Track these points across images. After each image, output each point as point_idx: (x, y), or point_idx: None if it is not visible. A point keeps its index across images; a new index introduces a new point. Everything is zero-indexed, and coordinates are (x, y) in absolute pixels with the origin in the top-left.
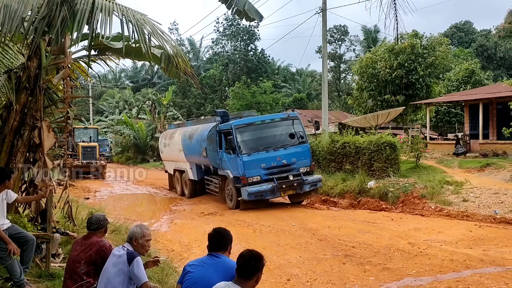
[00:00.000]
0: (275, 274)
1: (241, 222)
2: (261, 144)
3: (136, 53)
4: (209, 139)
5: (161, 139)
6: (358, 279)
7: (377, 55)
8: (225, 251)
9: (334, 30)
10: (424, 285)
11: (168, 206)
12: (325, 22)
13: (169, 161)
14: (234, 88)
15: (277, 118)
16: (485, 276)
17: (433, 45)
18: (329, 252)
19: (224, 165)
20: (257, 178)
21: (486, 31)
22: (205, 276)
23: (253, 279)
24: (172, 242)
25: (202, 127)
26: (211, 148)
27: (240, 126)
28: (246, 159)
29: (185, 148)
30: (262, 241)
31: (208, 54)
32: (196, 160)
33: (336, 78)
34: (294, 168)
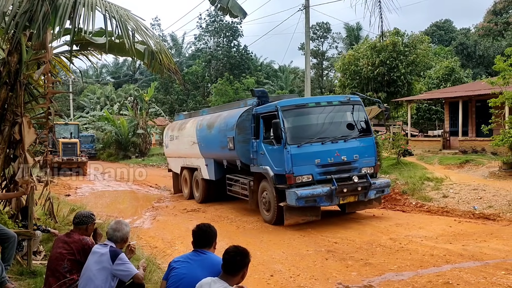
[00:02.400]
0: (259, 270)
1: (224, 218)
2: (315, 133)
3: (119, 48)
4: (239, 127)
5: (167, 131)
6: (341, 274)
7: (360, 53)
8: (210, 247)
9: (317, 27)
10: (406, 280)
11: (151, 203)
12: (308, 19)
13: (176, 158)
14: (216, 85)
15: (336, 101)
16: (464, 270)
17: (414, 43)
18: (312, 248)
19: (261, 160)
20: (308, 177)
21: (466, 30)
22: (191, 272)
23: (239, 275)
24: (155, 239)
25: (227, 114)
26: (240, 138)
27: (288, 107)
28: (295, 152)
29: (201, 140)
30: (246, 238)
31: (191, 50)
32: (216, 154)
33: (318, 75)
34: (355, 167)
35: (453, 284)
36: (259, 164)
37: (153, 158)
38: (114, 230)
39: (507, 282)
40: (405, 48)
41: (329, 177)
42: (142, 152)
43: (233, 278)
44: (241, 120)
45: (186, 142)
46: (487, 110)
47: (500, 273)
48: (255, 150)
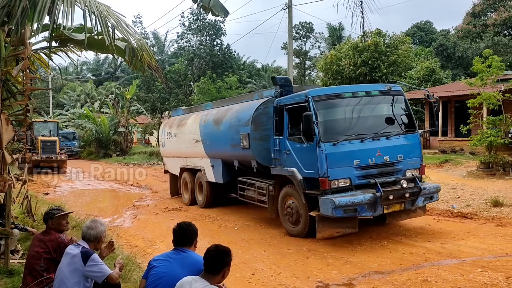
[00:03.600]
0: (240, 268)
1: (206, 217)
2: (352, 129)
3: (99, 45)
4: (255, 122)
5: (163, 128)
6: (321, 273)
7: (342, 53)
8: (190, 245)
9: (299, 27)
10: (385, 278)
11: (131, 201)
12: (290, 18)
13: (174, 158)
14: (199, 83)
15: (375, 90)
16: (443, 268)
17: (395, 44)
18: (293, 247)
19: (286, 160)
20: (345, 181)
21: (446, 31)
22: (171, 271)
23: (220, 274)
24: (135, 237)
25: (239, 107)
26: (257, 135)
27: (322, 97)
28: (330, 151)
29: (206, 138)
30: (227, 236)
31: (173, 48)
32: (225, 154)
33: (301, 75)
34: (399, 169)
35: (431, 282)
36: (282, 165)
37: (135, 157)
38: (88, 228)
39: (483, 279)
40: (387, 49)
41: (372, 181)
42: (123, 150)
43: (214, 277)
44: (257, 114)
45: (187, 140)
46: (466, 111)
47: (477, 271)
48: (278, 149)
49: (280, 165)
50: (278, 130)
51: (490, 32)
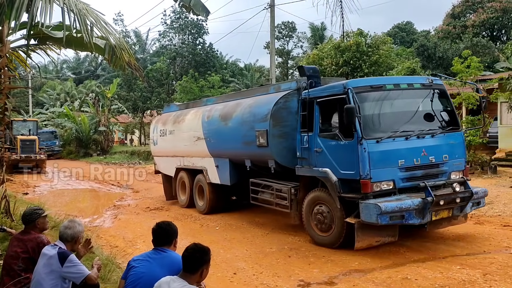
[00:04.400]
0: (222, 268)
1: (188, 216)
2: (395, 125)
3: (78, 43)
4: (274, 117)
5: (155, 125)
6: (303, 271)
7: (324, 52)
8: (169, 245)
9: (282, 27)
10: (366, 276)
11: (112, 201)
12: (273, 18)
13: (169, 157)
14: (181, 82)
15: (417, 83)
16: (422, 266)
17: (377, 44)
18: (275, 246)
19: (316, 160)
20: (389, 184)
21: (426, 32)
22: (150, 271)
23: (197, 273)
24: (115, 238)
25: (253, 102)
26: (276, 131)
27: (362, 89)
28: (373, 149)
29: (210, 135)
30: (209, 236)
31: (155, 47)
32: (234, 153)
33: (284, 74)
34: (443, 171)
35: (411, 279)
36: (311, 165)
37: (116, 156)
38: (65, 227)
39: (461, 276)
40: (368, 49)
41: (422, 184)
42: (104, 149)
43: (192, 276)
44: (277, 108)
45: (186, 138)
46: None
47: (456, 268)
48: (306, 147)
49: (308, 165)
50: (307, 126)
51: (469, 33)
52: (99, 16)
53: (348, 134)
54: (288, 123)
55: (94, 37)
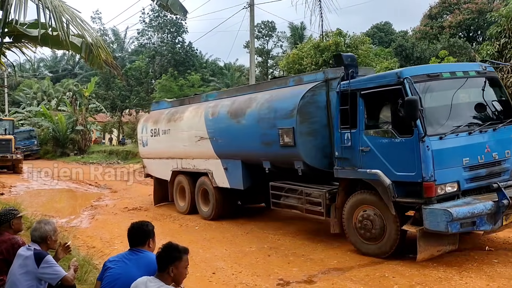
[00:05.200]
0: (201, 267)
1: (167, 216)
2: (455, 118)
3: (54, 41)
4: (302, 112)
5: (144, 124)
6: (282, 270)
7: (303, 52)
8: (143, 245)
9: (262, 26)
10: (345, 274)
11: (89, 201)
12: (252, 17)
13: (162, 159)
14: (161, 81)
15: (472, 70)
16: (400, 264)
17: (356, 44)
18: (254, 245)
19: (362, 160)
20: (453, 186)
21: (404, 32)
22: (126, 272)
23: (166, 271)
24: (92, 238)
25: (271, 96)
26: (304, 129)
27: (419, 78)
28: (437, 147)
29: (216, 134)
30: (189, 236)
31: (134, 46)
32: (249, 153)
33: (263, 73)
34: (505, 169)
35: (388, 277)
36: (355, 167)
37: (93, 156)
38: (33, 230)
39: (437, 273)
40: (347, 49)
41: (494, 184)
42: (81, 149)
43: (164, 275)
44: (304, 103)
45: (185, 138)
46: None
47: (432, 265)
48: (348, 146)
49: (351, 166)
50: (348, 122)
51: (446, 34)
52: (75, 13)
53: (405, 130)
54: (316, 119)
55: (70, 35)
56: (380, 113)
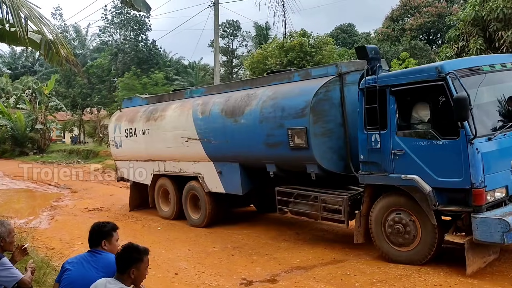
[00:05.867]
0: (163, 268)
1: (129, 217)
2: (502, 116)
3: (12, 37)
4: (315, 111)
5: (117, 124)
6: (246, 270)
7: (268, 52)
8: (97, 246)
9: (226, 25)
10: (307, 273)
11: (49, 201)
12: (217, 16)
13: (141, 162)
14: (123, 79)
15: (508, 62)
16: (361, 262)
17: (320, 45)
18: (218, 245)
19: (395, 164)
20: (502, 191)
21: (367, 34)
22: (83, 274)
23: (127, 273)
24: (52, 239)
25: (275, 93)
26: (318, 129)
27: (462, 73)
28: (487, 149)
29: (208, 135)
30: (151, 236)
31: (95, 43)
32: (250, 156)
33: (228, 73)
34: None
35: (350, 275)
36: (386, 171)
37: (53, 155)
38: None
39: (397, 271)
40: (312, 49)
41: None
42: (41, 148)
43: (124, 277)
44: (317, 100)
45: (169, 139)
46: None
47: (393, 263)
48: (376, 149)
49: (380, 171)
50: (377, 122)
51: (408, 36)
52: (34, 9)
53: (448, 131)
54: (331, 117)
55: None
56: (416, 112)
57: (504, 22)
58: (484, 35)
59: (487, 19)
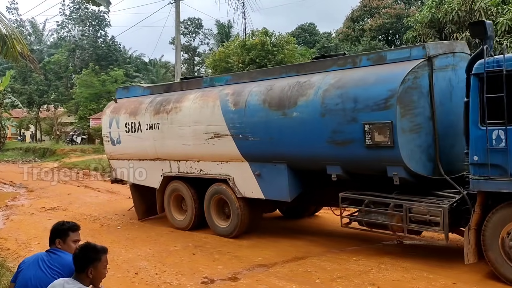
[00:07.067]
0: (123, 268)
1: (87, 216)
2: None
3: None
4: (403, 102)
5: (115, 117)
6: (208, 268)
7: (230, 50)
8: (53, 244)
9: (188, 22)
10: (269, 270)
11: (4, 201)
12: (178, 13)
13: (145, 161)
14: (81, 76)
15: None
16: (322, 258)
17: (281, 44)
18: (179, 244)
19: None
20: None
21: (328, 34)
22: (39, 273)
23: (84, 272)
24: (7, 240)
25: (339, 80)
26: (406, 124)
27: None
28: None
29: (245, 131)
30: (110, 236)
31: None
32: (303, 156)
33: (190, 70)
34: None
35: (311, 272)
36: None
37: (8, 153)
38: None
39: (357, 267)
40: (273, 48)
41: None
42: None
43: (82, 276)
44: (405, 88)
45: (187, 135)
46: None
47: (352, 259)
48: (501, 148)
49: (503, 175)
50: (505, 115)
51: (367, 37)
52: None
53: None
54: (420, 110)
55: None
56: None
57: (458, 24)
58: (440, 36)
59: (443, 21)
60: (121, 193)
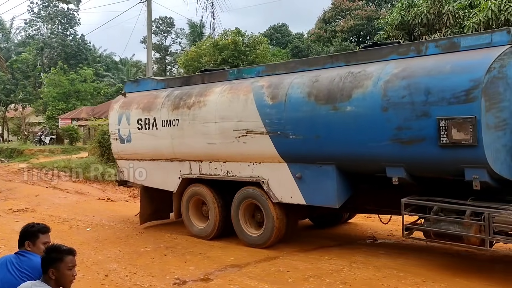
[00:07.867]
0: (92, 270)
1: (56, 218)
2: None
3: None
4: (489, 94)
5: (124, 112)
6: (179, 269)
7: (202, 50)
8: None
9: (160, 21)
10: (241, 270)
11: None
12: (149, 12)
13: (159, 161)
14: (49, 75)
15: None
16: (294, 258)
17: (254, 44)
18: (150, 245)
19: None
20: None
21: (300, 34)
22: (7, 276)
23: (47, 274)
24: None
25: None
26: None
27: None
28: None
29: (285, 128)
30: (79, 237)
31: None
32: (356, 157)
33: (161, 70)
34: None
35: (283, 272)
36: None
37: None
38: None
39: (329, 266)
40: (246, 48)
41: None
42: None
43: (45, 277)
44: (491, 78)
45: (213, 132)
46: None
47: (324, 259)
48: None
49: None
50: None
51: (339, 38)
52: None
53: None
54: (506, 104)
55: None
56: None
57: (427, 27)
58: (410, 38)
59: (413, 23)
60: (90, 194)
